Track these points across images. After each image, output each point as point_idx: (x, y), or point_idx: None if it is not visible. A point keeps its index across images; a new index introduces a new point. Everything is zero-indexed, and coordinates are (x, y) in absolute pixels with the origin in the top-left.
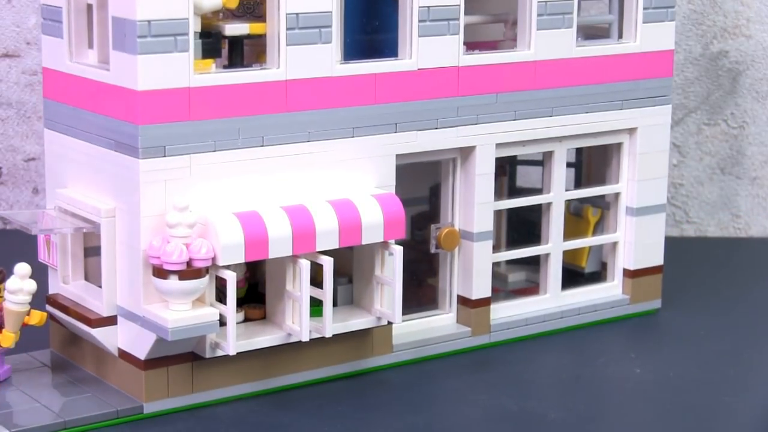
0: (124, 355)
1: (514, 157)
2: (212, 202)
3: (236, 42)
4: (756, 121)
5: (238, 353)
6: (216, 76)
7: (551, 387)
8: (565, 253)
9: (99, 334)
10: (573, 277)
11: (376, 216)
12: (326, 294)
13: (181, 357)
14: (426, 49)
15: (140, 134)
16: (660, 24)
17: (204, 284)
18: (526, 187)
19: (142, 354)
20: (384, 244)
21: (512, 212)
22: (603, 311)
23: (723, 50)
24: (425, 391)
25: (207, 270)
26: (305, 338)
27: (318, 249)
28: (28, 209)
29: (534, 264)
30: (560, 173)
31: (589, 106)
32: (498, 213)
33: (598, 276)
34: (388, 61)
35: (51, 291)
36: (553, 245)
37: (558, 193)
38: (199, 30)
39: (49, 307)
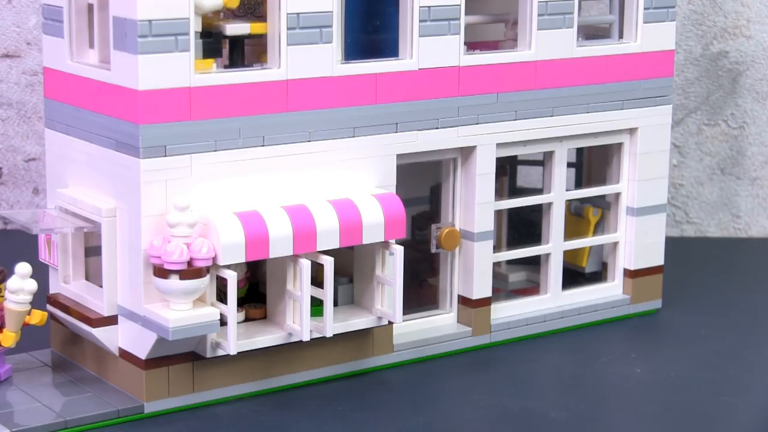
0: (124, 354)
1: (515, 156)
2: (213, 202)
3: (237, 42)
4: (756, 122)
5: (238, 353)
6: (217, 75)
7: (552, 387)
8: (566, 253)
9: (100, 333)
10: (573, 277)
11: (377, 216)
12: (327, 294)
13: (182, 356)
14: (427, 49)
15: (141, 134)
16: (660, 24)
17: (205, 284)
18: (527, 187)
19: (142, 353)
20: (385, 244)
21: (513, 212)
22: (603, 311)
23: (723, 51)
24: (426, 391)
25: (208, 270)
26: (306, 338)
27: (319, 249)
28: (28, 209)
29: (534, 264)
30: (561, 173)
31: (590, 106)
32: (498, 213)
33: (599, 276)
34: (388, 61)
35: (52, 290)
36: (554, 245)
37: (558, 193)
38: (199, 30)
39: (49, 307)
